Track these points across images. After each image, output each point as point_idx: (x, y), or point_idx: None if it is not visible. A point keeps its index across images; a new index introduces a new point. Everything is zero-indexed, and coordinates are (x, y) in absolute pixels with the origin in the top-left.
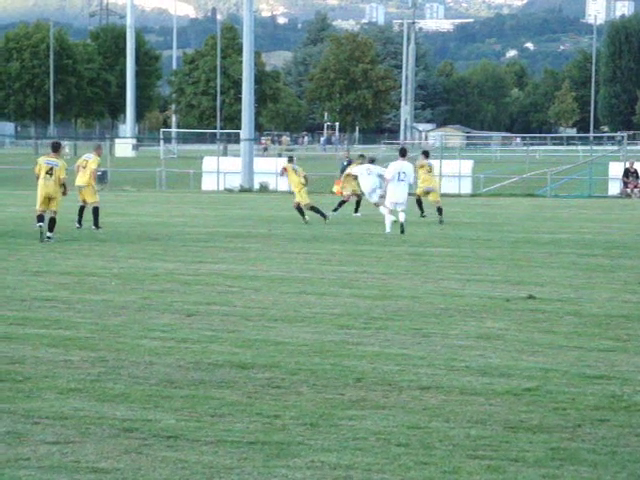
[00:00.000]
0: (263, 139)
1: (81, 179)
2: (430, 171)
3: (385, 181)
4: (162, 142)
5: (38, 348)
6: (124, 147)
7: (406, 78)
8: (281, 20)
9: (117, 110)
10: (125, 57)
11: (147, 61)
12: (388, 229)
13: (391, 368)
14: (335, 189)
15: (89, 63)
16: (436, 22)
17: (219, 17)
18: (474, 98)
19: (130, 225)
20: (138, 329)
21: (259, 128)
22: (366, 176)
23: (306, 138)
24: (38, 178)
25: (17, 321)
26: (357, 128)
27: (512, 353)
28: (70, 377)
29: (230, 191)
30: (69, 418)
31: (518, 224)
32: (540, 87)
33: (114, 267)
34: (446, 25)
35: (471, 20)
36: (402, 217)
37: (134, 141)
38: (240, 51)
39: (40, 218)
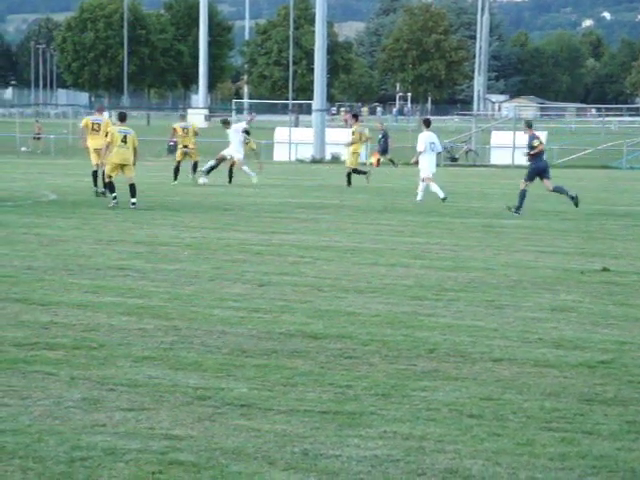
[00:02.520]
0: (342, 111)
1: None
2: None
3: (417, 153)
4: (234, 112)
5: (112, 316)
6: (197, 117)
7: (479, 49)
8: None
9: (190, 80)
10: (198, 27)
11: (220, 31)
12: (421, 197)
13: (463, 339)
14: (373, 160)
15: (162, 33)
16: None
17: None
18: (549, 69)
19: (202, 195)
20: (210, 298)
21: (331, 99)
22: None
23: (379, 109)
24: (108, 145)
25: (92, 289)
26: (429, 99)
27: (586, 325)
28: (144, 345)
29: (302, 162)
30: (143, 385)
31: (593, 196)
32: (616, 57)
33: (186, 237)
34: None
35: None
36: (435, 187)
37: (206, 111)
38: (313, 21)
39: (111, 186)
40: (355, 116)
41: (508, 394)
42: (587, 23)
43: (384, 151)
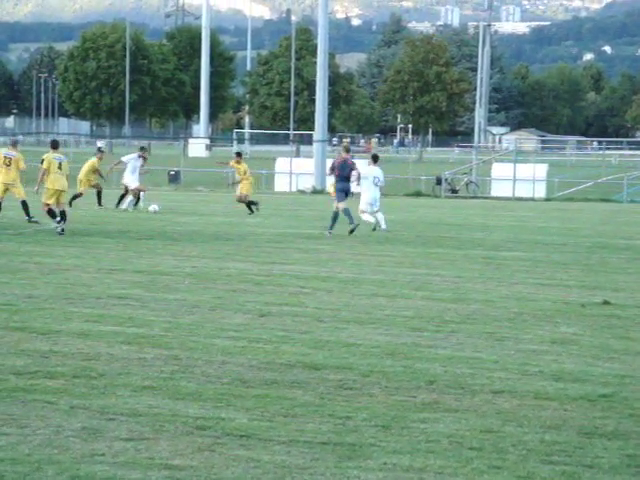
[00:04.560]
0: (362, 141)
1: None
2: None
3: (357, 177)
4: (235, 142)
5: (112, 345)
6: (197, 147)
7: (481, 81)
8: (355, 22)
9: (191, 110)
10: (200, 58)
11: (221, 62)
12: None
13: (464, 371)
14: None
15: (164, 63)
16: (512, 25)
17: (294, 18)
18: (549, 101)
19: (203, 225)
20: (211, 328)
21: (332, 130)
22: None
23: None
24: (45, 174)
25: (92, 318)
26: (430, 131)
27: (587, 359)
28: (144, 374)
29: (302, 192)
30: (143, 415)
31: (593, 229)
32: (617, 91)
33: (187, 266)
34: (522, 28)
35: (548, 23)
36: (367, 217)
37: (207, 141)
38: (314, 52)
39: (52, 213)
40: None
41: (508, 426)
42: (588, 57)
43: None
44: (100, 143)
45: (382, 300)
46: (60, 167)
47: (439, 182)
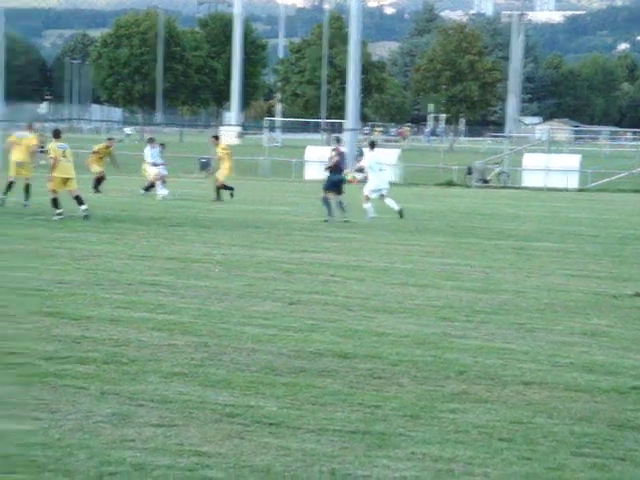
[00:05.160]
0: (393, 130)
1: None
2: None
3: (362, 169)
4: (266, 130)
5: (143, 332)
6: (229, 135)
7: (514, 70)
8: (388, 10)
9: (223, 98)
10: (232, 45)
11: (254, 49)
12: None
13: (494, 362)
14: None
15: (197, 51)
16: (546, 14)
17: (326, 6)
18: (583, 91)
19: (234, 212)
20: (240, 316)
21: (363, 118)
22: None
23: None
24: (55, 162)
25: (123, 304)
26: (462, 120)
27: (618, 350)
28: (174, 361)
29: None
30: (173, 402)
31: (626, 220)
32: None
33: (217, 254)
34: (556, 17)
35: (582, 12)
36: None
37: (239, 129)
38: (346, 41)
39: (56, 202)
40: (216, 137)
41: (538, 418)
42: (623, 46)
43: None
44: (128, 130)
45: (412, 289)
46: (64, 155)
47: (470, 172)
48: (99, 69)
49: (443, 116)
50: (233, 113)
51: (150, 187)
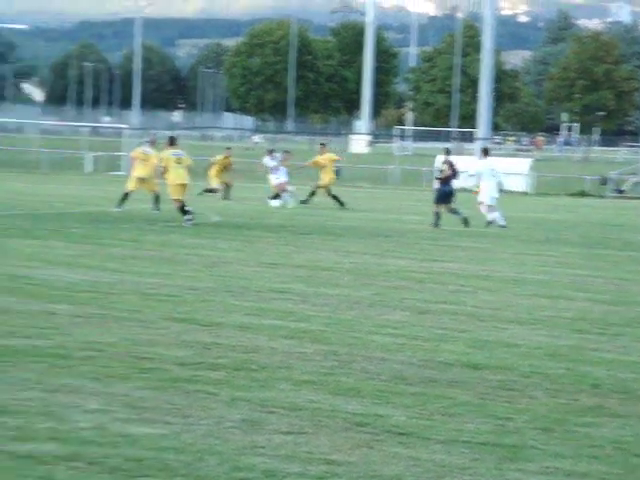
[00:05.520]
0: (525, 139)
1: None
2: None
3: (477, 178)
4: (397, 139)
5: (273, 339)
6: (359, 143)
7: None
8: (522, 18)
9: (353, 106)
10: (364, 54)
11: (385, 58)
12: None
13: (628, 376)
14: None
15: (328, 59)
16: None
17: (459, 15)
18: None
19: (363, 221)
20: (370, 324)
21: (495, 127)
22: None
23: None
24: (164, 170)
25: (253, 312)
26: (596, 129)
27: None
28: (304, 369)
29: (464, 190)
30: (303, 409)
31: None
32: None
33: (347, 262)
34: None
35: None
36: (485, 209)
37: (369, 137)
38: (479, 49)
39: (184, 208)
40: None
41: None
42: None
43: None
44: (256, 138)
45: (543, 300)
46: (178, 161)
47: (604, 182)
48: (232, 78)
49: (576, 125)
50: (363, 121)
51: (276, 196)
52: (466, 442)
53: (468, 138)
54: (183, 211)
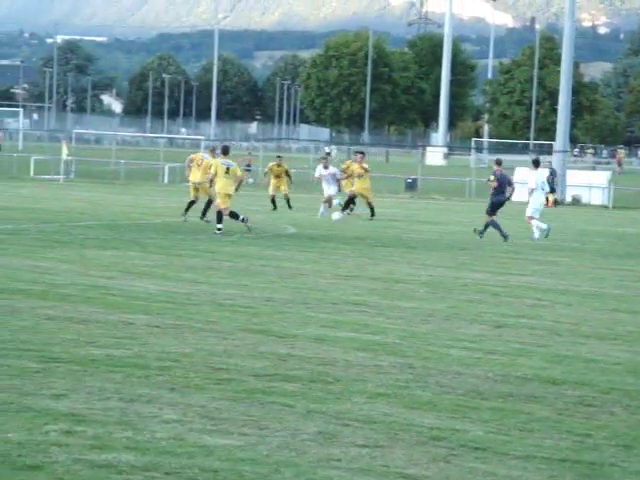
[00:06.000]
0: (604, 152)
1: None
2: None
3: (530, 190)
4: (473, 151)
5: (348, 351)
6: (435, 155)
7: None
8: (602, 30)
9: (430, 118)
10: (441, 66)
11: (462, 70)
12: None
13: None
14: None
15: (405, 71)
16: None
17: (538, 27)
18: None
19: (439, 233)
20: (446, 338)
21: (573, 140)
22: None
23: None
24: (213, 177)
25: (329, 324)
26: None
27: None
28: (379, 382)
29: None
30: (378, 422)
31: None
32: None
33: (422, 275)
34: None
35: None
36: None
37: (445, 150)
38: (558, 61)
39: (235, 214)
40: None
41: None
42: None
43: (552, 190)
44: (327, 149)
45: (623, 316)
46: (227, 172)
47: None
48: (308, 89)
49: None
50: (440, 134)
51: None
52: (544, 458)
53: (546, 150)
54: (234, 217)
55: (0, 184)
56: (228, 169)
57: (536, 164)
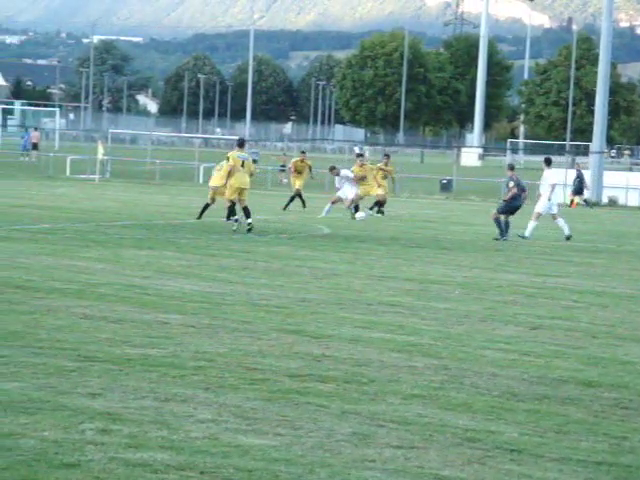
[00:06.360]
0: None
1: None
2: None
3: (551, 188)
4: (509, 152)
5: (383, 352)
6: (470, 156)
7: None
8: None
9: (465, 119)
10: (476, 66)
11: (498, 71)
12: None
13: None
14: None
15: (440, 72)
16: None
17: (574, 27)
18: None
19: (474, 234)
20: (481, 339)
21: (610, 141)
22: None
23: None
24: (231, 169)
25: (363, 324)
26: None
27: None
28: (414, 383)
29: (577, 204)
30: (412, 423)
31: None
32: None
33: (457, 276)
34: None
35: None
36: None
37: (480, 150)
38: (595, 62)
39: (232, 210)
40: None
41: None
42: None
43: (578, 192)
44: (357, 149)
45: None
46: (243, 165)
47: None
48: (343, 90)
49: None
50: (475, 134)
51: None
52: (580, 461)
53: (582, 151)
54: (231, 212)
55: (37, 184)
56: (243, 162)
57: (548, 163)
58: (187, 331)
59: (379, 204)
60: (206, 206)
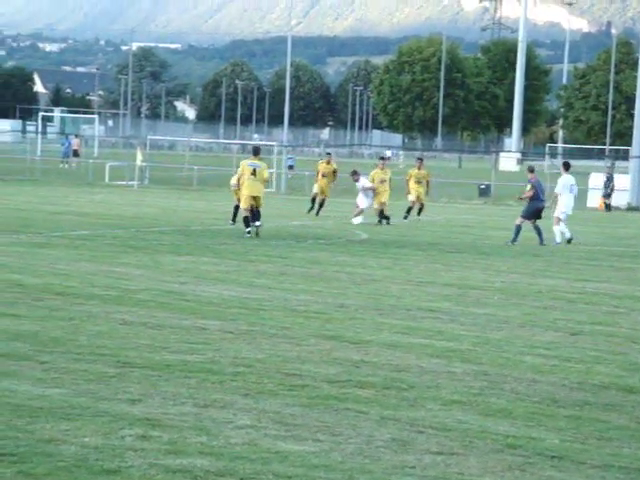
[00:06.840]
0: None
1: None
2: None
3: (554, 195)
4: (547, 157)
5: (422, 358)
6: (509, 161)
7: None
8: None
9: (503, 124)
10: (515, 71)
11: (536, 75)
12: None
13: None
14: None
15: (478, 77)
16: None
17: (614, 31)
18: None
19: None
20: (520, 345)
21: None
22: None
23: None
24: (240, 178)
25: (402, 330)
26: None
27: None
28: (453, 389)
29: (617, 209)
30: (452, 430)
31: None
32: None
33: (496, 281)
34: None
35: None
36: (559, 228)
37: (519, 155)
38: (635, 66)
39: (248, 220)
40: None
41: None
42: None
43: (608, 195)
44: (388, 153)
45: None
46: (254, 173)
47: None
48: (380, 95)
49: None
50: (514, 139)
51: (381, 214)
52: (622, 467)
53: (622, 156)
54: (246, 223)
55: (76, 190)
56: (254, 170)
57: (566, 167)
58: (225, 337)
59: (408, 209)
60: (236, 208)
